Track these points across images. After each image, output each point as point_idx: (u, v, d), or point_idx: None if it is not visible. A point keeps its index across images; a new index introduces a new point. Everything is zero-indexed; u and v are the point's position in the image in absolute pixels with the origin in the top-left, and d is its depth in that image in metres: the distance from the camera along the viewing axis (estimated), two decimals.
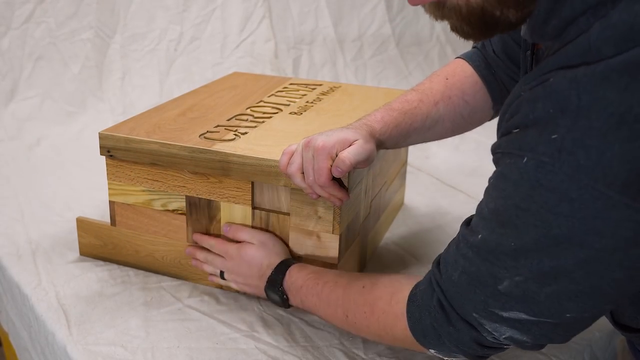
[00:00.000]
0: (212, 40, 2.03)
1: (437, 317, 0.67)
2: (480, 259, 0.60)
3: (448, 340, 0.67)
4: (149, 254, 1.03)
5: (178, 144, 0.94)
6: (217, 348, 0.87)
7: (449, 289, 0.65)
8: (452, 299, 0.65)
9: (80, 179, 1.41)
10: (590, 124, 0.50)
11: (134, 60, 1.90)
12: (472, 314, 0.62)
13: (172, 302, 0.97)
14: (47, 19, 1.76)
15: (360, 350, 0.88)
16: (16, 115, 1.68)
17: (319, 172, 0.78)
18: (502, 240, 0.57)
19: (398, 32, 2.46)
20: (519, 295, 0.58)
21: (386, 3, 2.42)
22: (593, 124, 0.50)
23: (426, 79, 0.97)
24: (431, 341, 0.69)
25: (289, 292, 0.88)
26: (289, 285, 0.87)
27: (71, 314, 0.93)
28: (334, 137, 0.79)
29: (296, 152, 0.82)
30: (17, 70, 1.71)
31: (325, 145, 0.78)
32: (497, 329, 0.61)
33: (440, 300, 0.66)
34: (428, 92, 0.92)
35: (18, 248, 1.12)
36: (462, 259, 0.62)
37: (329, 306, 0.82)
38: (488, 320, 0.61)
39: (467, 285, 0.62)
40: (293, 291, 0.87)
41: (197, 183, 0.95)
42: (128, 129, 0.99)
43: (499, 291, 0.59)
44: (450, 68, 0.96)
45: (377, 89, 1.33)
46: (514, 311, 0.59)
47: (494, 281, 0.59)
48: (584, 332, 0.93)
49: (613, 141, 0.49)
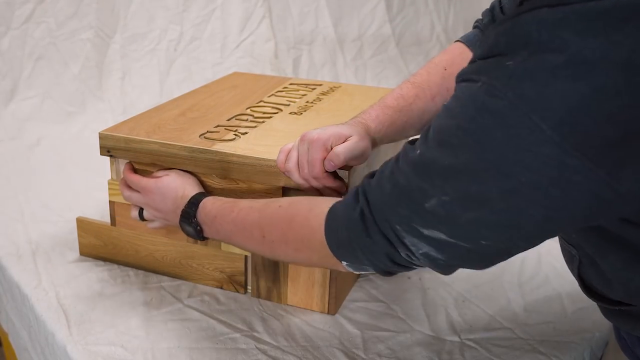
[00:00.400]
0: (212, 40, 2.03)
1: (355, 228, 0.66)
2: (414, 173, 0.61)
3: (361, 252, 0.67)
4: (149, 254, 1.03)
5: (178, 144, 0.94)
6: (217, 348, 0.87)
7: (377, 199, 0.65)
8: (377, 210, 0.64)
9: (80, 179, 1.41)
10: (544, 58, 0.52)
11: (134, 60, 1.90)
12: (396, 226, 0.62)
13: (172, 302, 0.97)
14: (47, 19, 1.76)
15: (360, 350, 0.88)
16: (16, 115, 1.68)
17: (312, 164, 0.82)
18: (437, 157, 0.58)
19: (398, 32, 2.46)
20: (442, 215, 0.58)
21: (386, 3, 2.42)
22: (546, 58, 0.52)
23: (423, 68, 0.95)
24: (344, 252, 0.69)
25: (204, 224, 0.86)
26: (203, 217, 0.85)
27: (71, 314, 0.93)
28: (329, 131, 0.82)
29: (293, 148, 0.85)
30: (17, 70, 1.71)
31: (320, 137, 0.82)
32: (415, 244, 0.62)
33: (363, 210, 0.66)
34: (425, 86, 0.92)
35: (18, 248, 1.12)
36: (399, 172, 0.63)
37: (244, 230, 0.80)
38: (409, 234, 0.62)
39: (396, 198, 0.62)
40: (207, 222, 0.85)
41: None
42: (128, 129, 0.99)
43: (424, 208, 0.59)
44: (449, 56, 0.95)
45: (377, 89, 1.33)
46: (435, 230, 0.60)
47: (422, 198, 0.59)
48: (584, 332, 0.94)
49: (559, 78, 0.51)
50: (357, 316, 0.96)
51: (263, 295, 0.99)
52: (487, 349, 0.90)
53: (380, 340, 0.91)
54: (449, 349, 0.89)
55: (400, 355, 0.87)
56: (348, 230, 0.67)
